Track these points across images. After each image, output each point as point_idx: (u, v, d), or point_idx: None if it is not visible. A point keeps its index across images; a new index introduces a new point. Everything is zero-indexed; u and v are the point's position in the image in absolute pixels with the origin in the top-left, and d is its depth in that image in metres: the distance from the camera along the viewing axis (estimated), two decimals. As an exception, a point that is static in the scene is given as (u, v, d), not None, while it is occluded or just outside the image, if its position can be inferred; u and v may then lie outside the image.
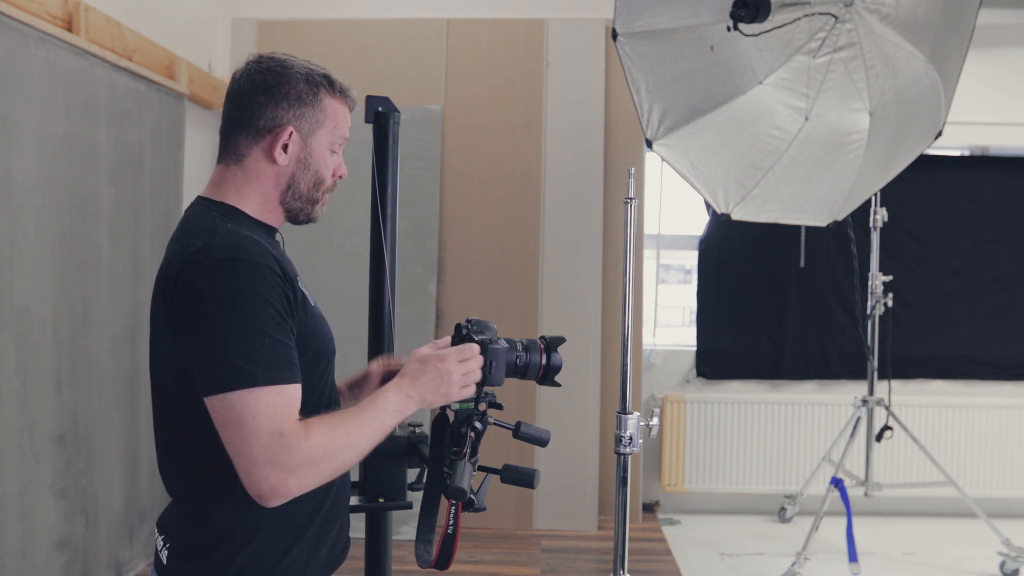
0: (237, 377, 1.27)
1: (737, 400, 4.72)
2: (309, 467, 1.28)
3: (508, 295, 4.47)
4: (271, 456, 1.26)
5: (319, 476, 1.31)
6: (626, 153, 4.54)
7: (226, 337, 1.28)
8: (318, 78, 1.47)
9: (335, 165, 1.52)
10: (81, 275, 3.07)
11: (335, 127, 1.49)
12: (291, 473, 1.27)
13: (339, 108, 1.50)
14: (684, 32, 3.46)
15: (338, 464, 1.33)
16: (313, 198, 1.50)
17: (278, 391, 1.28)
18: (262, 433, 1.26)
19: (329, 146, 1.49)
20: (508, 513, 4.40)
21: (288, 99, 1.44)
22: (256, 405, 1.27)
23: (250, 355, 1.27)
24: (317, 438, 1.29)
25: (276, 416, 1.27)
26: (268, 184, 1.46)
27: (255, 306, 1.29)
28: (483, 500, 1.47)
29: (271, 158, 1.45)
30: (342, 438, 1.32)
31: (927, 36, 3.29)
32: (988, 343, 4.76)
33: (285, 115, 1.44)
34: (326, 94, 1.47)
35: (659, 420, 1.69)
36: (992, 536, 3.91)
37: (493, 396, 1.51)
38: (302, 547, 1.44)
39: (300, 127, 1.45)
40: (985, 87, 4.58)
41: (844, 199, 3.58)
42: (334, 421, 1.34)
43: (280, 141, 1.44)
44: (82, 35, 3.02)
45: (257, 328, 1.29)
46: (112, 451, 3.32)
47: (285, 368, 1.30)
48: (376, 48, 4.50)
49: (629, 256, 1.69)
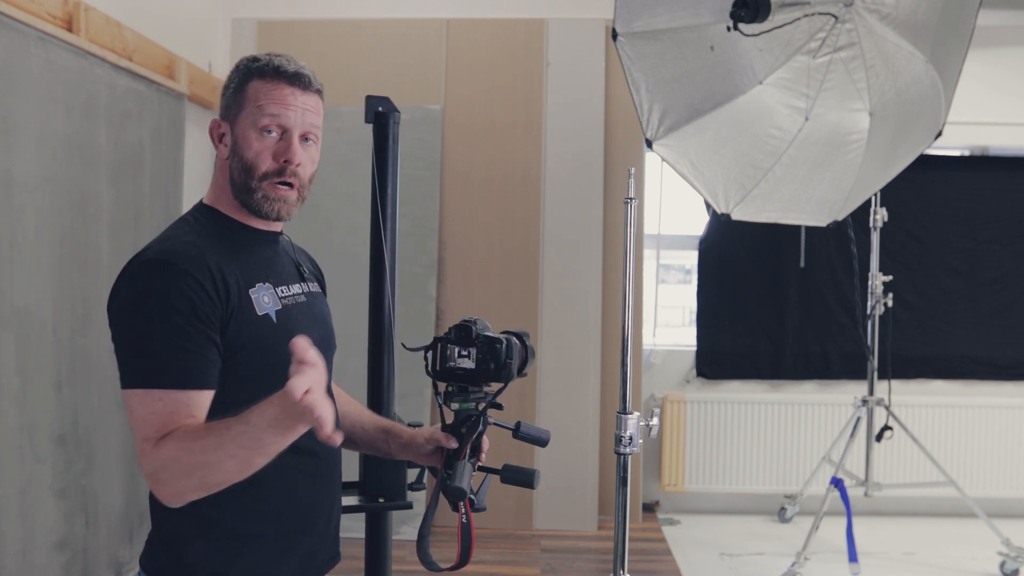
0: (131, 376, 1.31)
1: (737, 400, 4.72)
2: (161, 475, 1.27)
3: (508, 295, 4.47)
4: (138, 458, 1.30)
5: (182, 487, 1.27)
6: (626, 153, 4.54)
7: (130, 337, 1.32)
8: (247, 63, 1.44)
9: (276, 149, 1.41)
10: (81, 275, 3.07)
11: (256, 105, 1.40)
12: (149, 478, 1.28)
13: (267, 86, 1.41)
14: (684, 32, 3.46)
15: (201, 477, 1.25)
16: (247, 187, 1.41)
17: (162, 396, 1.28)
18: (136, 434, 1.30)
19: (253, 126, 1.40)
20: (508, 513, 4.40)
21: (225, 92, 1.46)
22: (140, 407, 1.29)
23: (143, 357, 1.30)
24: (166, 451, 1.26)
25: (148, 420, 1.28)
26: (224, 178, 1.46)
27: (159, 310, 1.30)
28: (483, 500, 1.47)
29: (219, 152, 1.46)
30: (199, 453, 1.25)
31: (927, 36, 3.29)
32: (988, 343, 4.76)
33: (222, 108, 1.46)
34: (255, 78, 1.42)
35: (659, 420, 1.69)
36: (992, 536, 3.91)
37: (493, 396, 1.50)
38: (261, 552, 1.41)
39: (227, 115, 1.45)
40: (985, 87, 4.57)
41: (844, 199, 3.58)
42: (200, 434, 1.26)
43: (215, 133, 1.46)
44: (82, 35, 3.02)
45: (156, 332, 1.30)
46: (112, 451, 3.32)
47: (179, 373, 1.29)
48: (376, 48, 4.50)
49: (629, 256, 1.69)
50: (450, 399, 1.48)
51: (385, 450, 1.62)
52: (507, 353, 1.46)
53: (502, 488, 1.64)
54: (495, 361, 1.46)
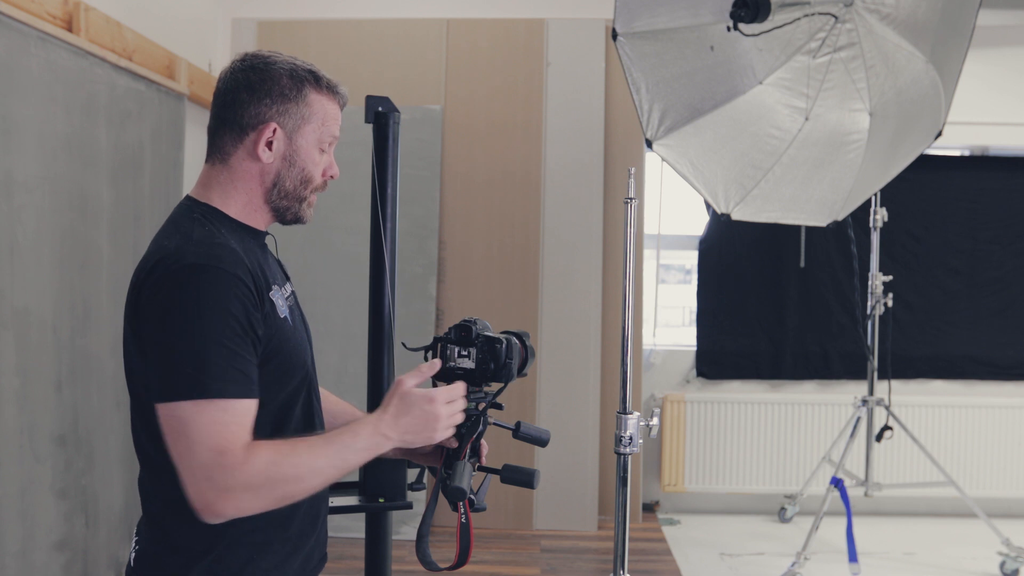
0: (187, 387, 1.24)
1: (737, 400, 4.72)
2: (246, 492, 1.25)
3: (508, 295, 4.47)
4: (208, 472, 1.24)
5: (260, 502, 1.27)
6: (626, 153, 4.54)
7: (183, 345, 1.26)
8: (303, 73, 1.43)
9: (325, 164, 1.48)
10: (81, 275, 3.07)
11: (323, 124, 1.44)
12: (227, 493, 1.24)
13: (327, 104, 1.45)
14: (684, 32, 3.46)
15: (281, 494, 1.28)
16: (300, 196, 1.46)
17: (227, 407, 1.25)
18: (203, 448, 1.24)
19: (317, 144, 1.45)
20: (508, 513, 4.40)
21: (271, 95, 1.41)
22: (201, 418, 1.24)
23: (204, 366, 1.25)
24: (259, 464, 1.25)
25: (219, 432, 1.24)
26: (253, 183, 1.43)
27: (217, 316, 1.26)
28: (483, 500, 1.47)
29: (255, 156, 1.41)
30: (289, 468, 1.27)
31: (927, 36, 3.29)
32: (988, 343, 4.76)
33: (268, 111, 1.41)
34: (312, 90, 1.43)
35: (659, 420, 1.69)
36: (992, 536, 3.91)
37: (493, 396, 1.51)
38: (268, 560, 1.40)
39: (284, 123, 1.41)
40: (985, 87, 4.58)
41: (844, 199, 3.58)
42: (286, 449, 1.29)
43: (264, 138, 1.41)
44: (82, 35, 3.02)
45: (215, 339, 1.26)
46: (112, 451, 3.32)
47: (239, 382, 1.27)
48: (376, 48, 4.50)
49: (629, 256, 1.69)
50: None
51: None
52: (507, 353, 1.47)
53: (502, 488, 1.65)
54: (495, 361, 1.47)
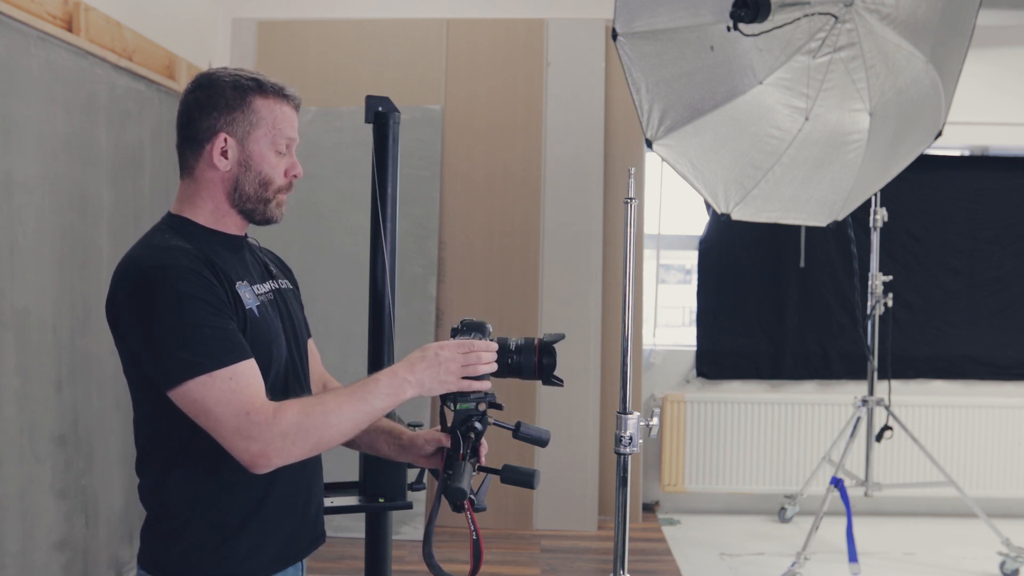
0: (187, 368, 1.36)
1: (737, 400, 4.72)
2: (284, 440, 1.36)
3: (508, 295, 4.47)
4: (244, 432, 1.35)
5: (298, 448, 1.38)
6: (626, 153, 4.54)
7: (168, 335, 1.37)
8: (246, 82, 1.52)
9: (287, 165, 1.55)
10: (81, 275, 3.07)
11: (274, 127, 1.52)
12: (268, 445, 1.35)
13: (275, 108, 1.53)
14: (684, 32, 3.46)
15: (316, 439, 1.39)
16: (263, 197, 1.54)
17: (231, 373, 1.37)
18: (228, 415, 1.35)
19: (271, 146, 1.53)
20: (508, 513, 4.40)
21: (218, 107, 1.50)
22: (213, 391, 1.35)
23: (193, 346, 1.36)
24: (289, 415, 1.37)
25: (237, 397, 1.36)
26: (216, 190, 1.53)
27: (187, 302, 1.38)
28: (483, 500, 1.48)
29: (213, 165, 1.51)
30: (319, 416, 1.38)
31: (927, 36, 3.29)
32: (988, 343, 4.76)
33: (217, 123, 1.50)
34: (256, 96, 1.52)
35: (659, 420, 1.69)
36: (992, 536, 3.91)
37: (493, 396, 1.51)
38: (240, 542, 1.48)
39: (234, 132, 1.51)
40: (985, 87, 4.58)
41: (844, 199, 3.58)
42: (313, 400, 1.42)
43: (217, 148, 1.50)
44: (82, 35, 3.02)
45: (194, 321, 1.37)
46: (112, 451, 3.32)
47: (231, 350, 1.38)
48: (376, 48, 4.50)
49: (629, 256, 1.69)
50: (450, 399, 1.49)
51: (385, 451, 1.67)
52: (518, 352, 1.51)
53: (502, 488, 1.65)
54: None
